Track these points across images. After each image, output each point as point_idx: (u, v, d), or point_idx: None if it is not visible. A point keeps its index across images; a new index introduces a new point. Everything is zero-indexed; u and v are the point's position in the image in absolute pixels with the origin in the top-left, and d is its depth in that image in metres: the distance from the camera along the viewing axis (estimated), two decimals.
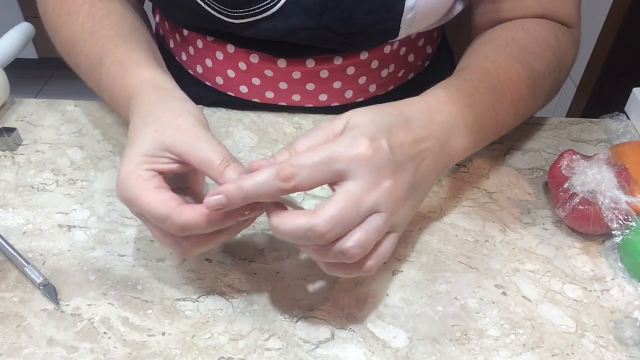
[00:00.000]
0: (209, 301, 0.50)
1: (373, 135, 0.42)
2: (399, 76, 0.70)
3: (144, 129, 0.46)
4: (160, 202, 0.43)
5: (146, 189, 0.43)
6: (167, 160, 0.45)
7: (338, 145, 0.42)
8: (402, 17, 0.58)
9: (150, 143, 0.45)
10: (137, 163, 0.44)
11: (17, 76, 0.78)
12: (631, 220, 0.52)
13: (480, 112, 0.52)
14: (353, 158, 0.41)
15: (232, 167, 0.43)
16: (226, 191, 0.41)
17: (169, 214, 0.42)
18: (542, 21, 0.62)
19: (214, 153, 0.44)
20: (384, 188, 0.42)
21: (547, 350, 0.47)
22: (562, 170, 0.55)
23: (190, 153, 0.44)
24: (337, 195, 0.41)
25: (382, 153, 0.42)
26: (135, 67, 0.52)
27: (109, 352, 0.46)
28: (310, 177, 0.41)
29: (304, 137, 0.44)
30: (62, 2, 0.60)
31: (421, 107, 0.48)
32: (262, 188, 0.41)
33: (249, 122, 0.68)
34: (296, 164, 0.41)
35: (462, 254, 0.54)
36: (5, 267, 0.52)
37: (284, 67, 0.64)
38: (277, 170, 0.40)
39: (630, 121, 0.69)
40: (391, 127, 0.44)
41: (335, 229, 0.41)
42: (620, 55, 1.47)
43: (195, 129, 0.45)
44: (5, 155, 0.63)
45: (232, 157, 0.44)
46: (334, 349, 0.47)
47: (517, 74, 0.56)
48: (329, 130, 0.44)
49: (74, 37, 0.58)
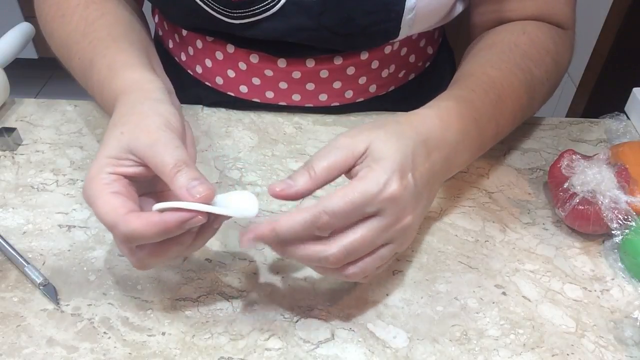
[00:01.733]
0: (209, 301, 0.50)
1: (402, 171, 0.43)
2: (400, 77, 0.70)
3: (113, 131, 0.45)
4: (110, 208, 0.41)
5: (102, 194, 0.42)
6: (131, 162, 0.44)
7: (370, 186, 0.41)
8: (403, 18, 0.58)
9: (115, 145, 0.44)
10: (101, 166, 0.43)
11: (17, 76, 0.78)
12: (631, 220, 0.52)
13: (483, 125, 0.53)
14: (385, 200, 0.42)
15: (183, 172, 0.41)
16: (259, 234, 0.42)
17: (116, 221, 0.41)
18: (540, 25, 0.62)
19: (169, 157, 0.42)
20: (403, 225, 0.44)
21: (547, 350, 0.47)
22: (562, 170, 0.55)
23: (147, 156, 0.43)
24: (357, 228, 0.42)
25: (410, 189, 0.43)
26: (123, 69, 0.52)
27: (109, 352, 0.46)
28: (343, 223, 0.42)
29: (322, 157, 0.43)
30: (57, 4, 0.60)
31: (435, 124, 0.48)
32: (297, 233, 0.41)
33: (249, 122, 0.68)
34: (330, 212, 0.41)
35: (462, 254, 0.54)
36: (5, 267, 0.52)
37: (284, 67, 0.64)
38: (314, 218, 0.41)
39: (630, 121, 0.69)
40: (414, 155, 0.45)
41: (346, 260, 0.42)
42: (620, 55, 1.47)
43: (158, 131, 0.44)
44: (5, 155, 0.63)
45: (187, 162, 0.42)
46: (334, 349, 0.47)
47: (519, 82, 0.57)
48: (348, 152, 0.43)
49: (67, 39, 0.58)
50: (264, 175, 0.61)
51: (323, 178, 0.43)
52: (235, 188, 0.60)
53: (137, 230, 0.40)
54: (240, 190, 0.46)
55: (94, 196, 0.42)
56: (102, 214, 0.42)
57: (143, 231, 0.40)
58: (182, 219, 0.40)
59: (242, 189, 0.60)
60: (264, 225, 0.42)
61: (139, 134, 0.44)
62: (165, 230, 0.40)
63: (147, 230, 0.40)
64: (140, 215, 0.41)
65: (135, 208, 0.42)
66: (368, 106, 0.69)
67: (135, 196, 0.44)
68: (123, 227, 0.41)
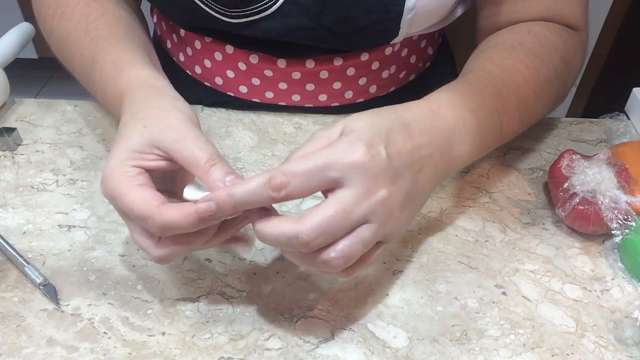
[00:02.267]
0: (209, 301, 0.50)
1: (370, 141, 0.41)
2: (400, 77, 0.70)
3: (133, 125, 0.45)
4: (142, 200, 0.41)
5: (130, 187, 0.42)
6: (155, 157, 0.44)
7: (333, 151, 0.40)
8: (402, 18, 0.58)
9: (138, 139, 0.44)
10: (123, 159, 0.43)
11: (17, 76, 0.78)
12: (631, 220, 0.52)
13: (483, 117, 0.51)
14: (348, 165, 0.40)
15: (218, 166, 0.42)
16: (216, 198, 0.40)
17: (151, 212, 0.41)
18: (549, 24, 0.61)
19: (200, 151, 0.42)
20: (378, 198, 0.41)
21: (547, 350, 0.47)
22: (562, 170, 0.55)
23: (177, 150, 0.43)
24: (327, 203, 0.40)
25: (380, 160, 0.41)
26: (128, 66, 0.52)
27: (109, 352, 0.46)
28: (302, 186, 0.40)
29: (299, 150, 0.43)
30: (56, 2, 0.60)
31: (422, 112, 0.47)
32: (252, 196, 0.40)
33: (249, 122, 0.68)
34: (288, 171, 0.39)
35: (462, 254, 0.54)
36: (5, 267, 0.52)
37: (283, 67, 0.64)
38: (268, 178, 0.39)
39: (630, 121, 0.69)
40: (390, 132, 0.43)
41: (320, 238, 0.39)
42: (620, 55, 1.47)
43: (184, 126, 0.44)
44: (5, 155, 0.63)
45: (219, 156, 0.43)
46: (334, 349, 0.47)
47: (523, 78, 0.55)
48: (324, 140, 0.43)
49: (68, 36, 0.58)
50: None
51: None
52: None
53: (173, 221, 0.40)
54: None
55: (118, 189, 0.42)
56: (133, 206, 0.42)
57: (179, 222, 0.40)
58: (217, 208, 0.40)
59: None
60: (220, 190, 0.40)
61: (164, 128, 0.44)
62: (201, 220, 0.40)
63: (183, 220, 0.40)
64: (176, 206, 0.41)
65: (165, 199, 0.42)
66: (368, 106, 0.68)
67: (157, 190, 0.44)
68: (158, 218, 0.41)
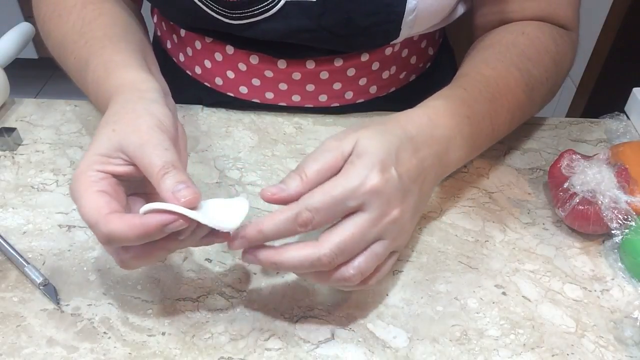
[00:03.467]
0: (209, 301, 0.50)
1: (383, 165, 0.43)
2: (401, 78, 0.70)
3: (104, 129, 0.45)
4: (93, 207, 0.41)
5: (87, 192, 0.42)
6: (121, 161, 0.43)
7: (350, 180, 0.42)
8: (403, 19, 0.58)
9: (106, 142, 0.43)
10: (90, 163, 0.43)
11: (17, 76, 0.78)
12: (631, 220, 0.52)
13: (477, 123, 0.53)
14: (366, 193, 0.42)
15: (171, 174, 0.41)
16: (248, 235, 0.43)
17: (97, 220, 0.40)
18: (541, 25, 0.62)
19: (157, 158, 0.42)
20: (391, 218, 0.44)
21: (547, 350, 0.47)
22: (562, 170, 0.55)
23: (137, 156, 0.42)
24: (344, 226, 0.43)
25: (393, 182, 0.44)
26: (118, 69, 0.51)
27: (109, 352, 0.46)
28: (326, 218, 0.42)
29: (312, 160, 0.44)
30: (54, 4, 0.60)
31: (423, 122, 0.49)
32: (280, 231, 0.42)
33: (249, 122, 0.68)
34: (312, 208, 0.42)
35: (462, 254, 0.54)
36: (5, 267, 0.52)
37: (284, 68, 0.64)
38: (295, 215, 0.42)
39: (630, 121, 0.69)
40: (398, 150, 0.45)
41: (339, 258, 0.42)
42: (620, 55, 1.46)
43: (149, 131, 0.43)
44: (5, 155, 0.63)
45: (175, 164, 0.42)
46: (334, 349, 0.47)
47: (515, 81, 0.57)
48: (337, 153, 0.44)
49: (64, 38, 0.58)
50: (264, 175, 0.61)
51: (314, 180, 0.43)
52: (235, 188, 0.60)
53: (117, 231, 0.39)
54: (238, 198, 0.45)
55: (79, 193, 0.42)
56: (84, 212, 0.41)
57: (122, 233, 0.39)
58: (163, 222, 0.39)
59: (242, 189, 0.60)
60: (249, 227, 0.42)
61: (130, 133, 0.43)
62: (146, 233, 0.40)
63: (127, 232, 0.39)
64: (122, 217, 0.40)
65: (119, 209, 0.42)
66: (368, 107, 0.69)
67: (123, 196, 0.44)
68: (103, 227, 0.40)
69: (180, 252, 0.53)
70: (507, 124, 0.58)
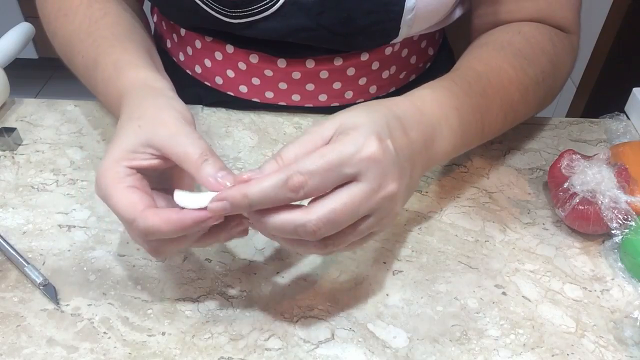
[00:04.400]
0: (209, 301, 0.50)
1: (379, 135, 0.41)
2: (400, 78, 0.70)
3: (128, 124, 0.45)
4: (128, 203, 0.42)
5: (118, 188, 0.42)
6: (148, 156, 0.44)
7: (347, 146, 0.39)
8: (402, 18, 0.58)
9: (132, 138, 0.44)
10: (117, 159, 0.43)
11: (17, 76, 0.78)
12: (631, 220, 0.52)
13: (465, 116, 0.51)
14: (363, 160, 0.39)
15: (210, 162, 0.42)
16: (230, 197, 0.39)
17: (135, 216, 0.41)
18: (539, 26, 0.61)
19: (192, 147, 0.42)
20: (386, 193, 0.41)
21: (547, 350, 0.47)
22: (562, 170, 0.55)
23: (169, 147, 0.43)
24: (338, 195, 0.40)
25: (390, 154, 0.41)
26: (129, 68, 0.52)
27: (109, 352, 0.46)
28: (320, 184, 0.39)
29: (290, 145, 0.42)
30: (59, 3, 0.60)
31: (408, 108, 0.47)
32: (268, 197, 0.39)
33: (249, 122, 0.68)
34: (304, 171, 0.38)
35: (462, 254, 0.54)
36: (5, 267, 0.52)
37: (283, 67, 0.64)
38: (286, 178, 0.38)
39: (630, 121, 0.69)
40: (390, 126, 0.43)
41: (325, 229, 0.39)
42: (620, 55, 1.46)
43: (177, 122, 0.44)
44: (5, 155, 0.63)
45: (212, 152, 0.43)
46: (334, 349, 0.47)
47: (509, 79, 0.56)
48: (316, 136, 0.42)
49: (71, 37, 0.58)
50: None
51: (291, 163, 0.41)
52: None
53: (155, 227, 0.41)
54: None
55: (108, 190, 0.43)
56: (119, 209, 0.42)
57: (160, 228, 0.41)
58: (200, 218, 0.40)
59: None
60: (234, 189, 0.39)
61: (157, 126, 0.44)
62: (182, 228, 0.41)
63: (164, 227, 0.41)
64: (158, 212, 0.41)
65: (152, 203, 0.43)
66: None
67: (149, 190, 0.44)
68: (142, 223, 0.41)
69: (180, 252, 0.53)
70: (499, 122, 0.56)
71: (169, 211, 0.41)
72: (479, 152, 0.63)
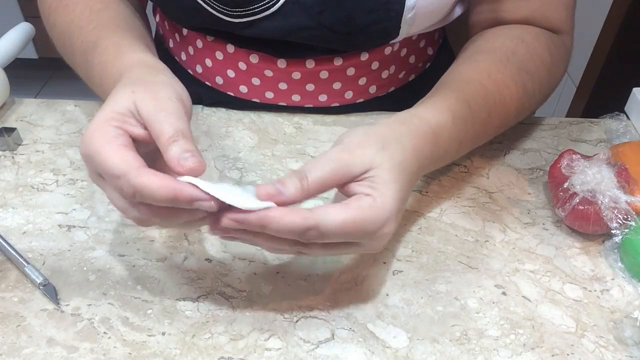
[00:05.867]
0: (209, 301, 0.50)
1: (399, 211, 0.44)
2: (400, 77, 0.70)
3: (123, 89, 0.44)
4: (121, 158, 0.40)
5: (111, 145, 0.40)
6: (136, 122, 0.43)
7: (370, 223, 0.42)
8: (402, 17, 0.58)
9: (123, 101, 0.43)
10: (107, 119, 0.42)
11: (17, 76, 0.78)
12: (631, 220, 0.52)
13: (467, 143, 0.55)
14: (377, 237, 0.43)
15: (179, 142, 0.40)
16: (247, 223, 0.40)
17: (127, 171, 0.39)
18: (538, 34, 0.62)
19: (168, 125, 0.41)
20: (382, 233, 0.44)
21: (547, 350, 0.47)
22: (562, 170, 0.55)
23: (150, 121, 0.42)
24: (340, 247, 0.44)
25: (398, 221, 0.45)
26: (131, 50, 0.52)
27: (109, 352, 0.46)
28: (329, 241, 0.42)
29: (317, 168, 0.42)
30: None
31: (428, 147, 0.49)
32: (281, 233, 0.40)
33: (249, 122, 0.68)
34: (324, 230, 0.40)
35: (462, 254, 0.54)
36: (5, 267, 0.52)
37: (283, 67, 0.64)
38: (305, 229, 0.40)
39: (630, 121, 0.69)
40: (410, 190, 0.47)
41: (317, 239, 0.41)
42: (620, 55, 1.46)
43: (167, 100, 0.43)
44: (5, 155, 0.63)
45: (186, 134, 0.41)
46: (334, 349, 0.47)
47: (511, 96, 0.57)
48: (346, 170, 0.43)
49: (70, 25, 0.59)
50: (264, 175, 0.61)
51: (315, 190, 0.42)
52: None
53: (148, 186, 0.38)
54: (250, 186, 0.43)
55: (97, 147, 0.40)
56: (109, 163, 0.40)
57: (153, 189, 0.38)
58: (197, 197, 0.39)
59: None
60: (254, 215, 0.40)
61: (148, 98, 0.43)
62: (176, 198, 0.38)
63: (158, 189, 0.38)
64: (156, 173, 0.39)
65: (146, 165, 0.40)
66: (368, 107, 0.70)
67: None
68: (133, 178, 0.39)
69: (180, 252, 0.53)
70: (490, 137, 0.59)
71: (168, 176, 0.39)
72: (478, 152, 0.63)
